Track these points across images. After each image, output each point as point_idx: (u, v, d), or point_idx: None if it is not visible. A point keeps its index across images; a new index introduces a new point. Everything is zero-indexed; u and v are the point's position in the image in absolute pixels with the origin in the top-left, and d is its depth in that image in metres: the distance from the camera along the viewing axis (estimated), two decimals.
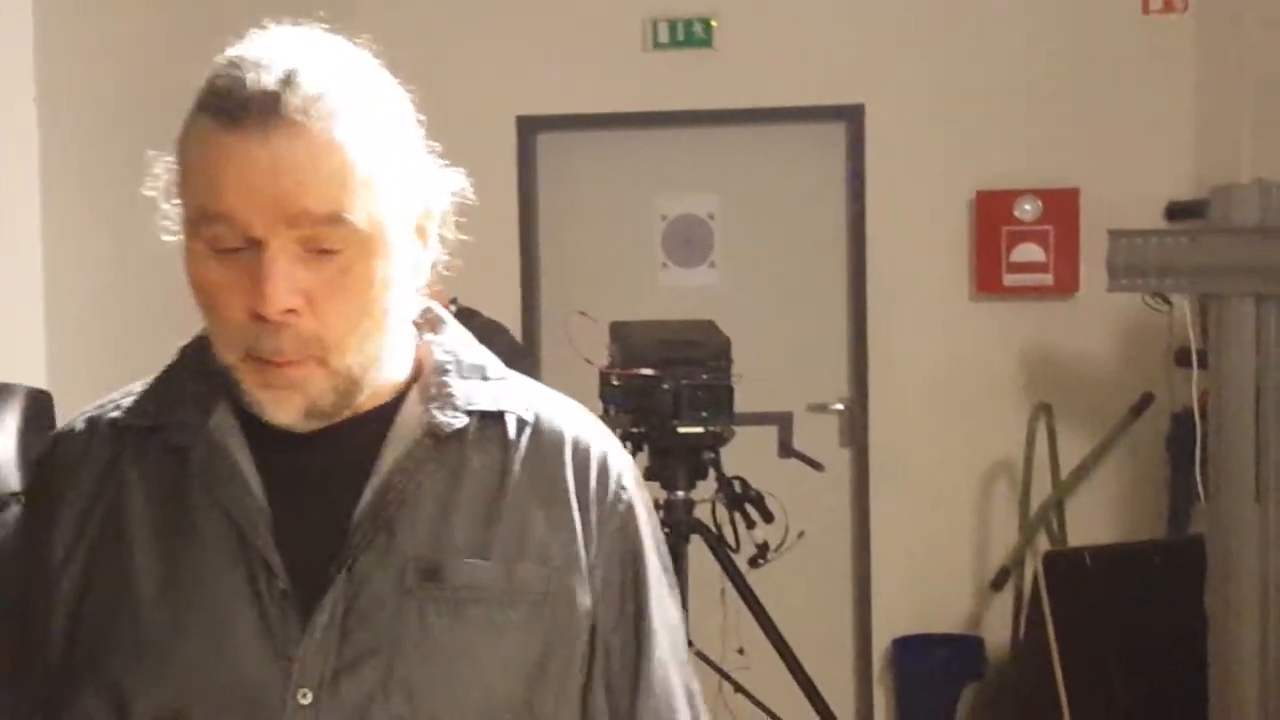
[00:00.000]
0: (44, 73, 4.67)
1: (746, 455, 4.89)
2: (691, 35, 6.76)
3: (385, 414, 1.64)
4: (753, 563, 4.80)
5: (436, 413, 1.63)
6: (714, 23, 6.73)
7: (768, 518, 4.82)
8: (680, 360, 4.83)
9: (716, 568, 4.77)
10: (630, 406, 4.79)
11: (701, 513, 4.83)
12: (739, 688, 4.82)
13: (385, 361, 1.61)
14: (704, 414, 4.77)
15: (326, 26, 1.61)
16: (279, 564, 1.56)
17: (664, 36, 6.76)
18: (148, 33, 5.24)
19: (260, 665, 1.54)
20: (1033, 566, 6.12)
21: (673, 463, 4.81)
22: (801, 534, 4.65)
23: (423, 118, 1.65)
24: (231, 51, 1.55)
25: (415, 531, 1.59)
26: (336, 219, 1.50)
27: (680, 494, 4.79)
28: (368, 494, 1.59)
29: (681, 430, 4.75)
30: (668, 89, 6.71)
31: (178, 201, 1.57)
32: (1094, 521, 6.52)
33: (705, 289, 6.70)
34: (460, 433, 1.63)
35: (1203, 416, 5.22)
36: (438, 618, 1.56)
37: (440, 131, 1.68)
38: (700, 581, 4.78)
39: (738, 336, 4.96)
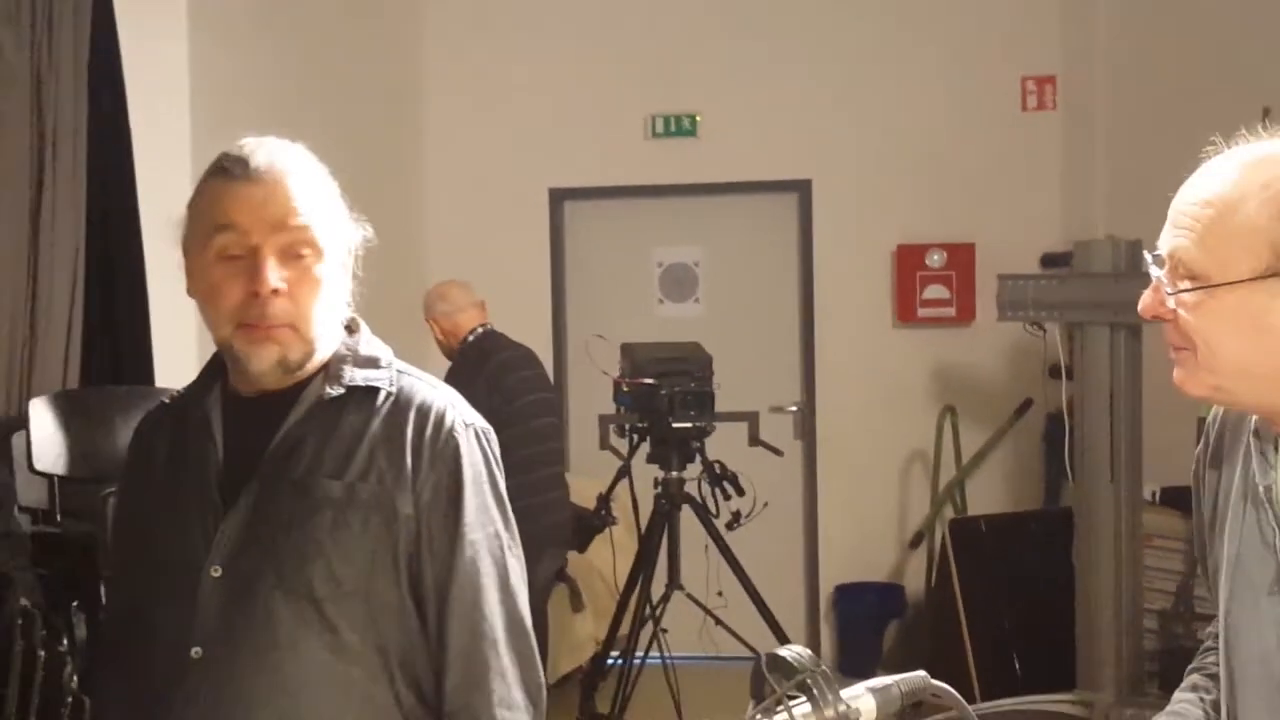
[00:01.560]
0: (196, 105, 4.68)
1: (724, 444, 4.91)
2: (681, 127, 6.78)
3: (300, 388, 1.81)
4: (729, 526, 4.81)
5: (326, 386, 1.80)
6: (698, 118, 6.75)
7: (740, 492, 4.83)
8: (673, 372, 4.85)
9: (702, 530, 4.78)
10: (636, 407, 4.81)
11: (690, 488, 4.85)
12: (719, 622, 4.82)
13: (324, 340, 1.80)
14: (692, 413, 4.79)
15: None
16: (214, 485, 1.78)
17: (660, 128, 6.79)
18: (282, 74, 5.27)
19: (196, 550, 1.76)
20: (941, 531, 6.12)
21: (668, 450, 4.83)
22: (766, 504, 4.66)
23: (479, 187, 1.73)
24: (227, 150, 1.81)
25: (298, 464, 1.76)
26: (303, 229, 1.74)
27: (674, 474, 4.82)
28: (274, 441, 1.78)
29: (675, 425, 4.78)
30: (663, 167, 6.72)
31: (185, 238, 1.81)
32: (988, 496, 6.51)
33: (692, 319, 6.70)
34: (340, 399, 1.80)
35: (1070, 416, 5.24)
36: (303, 519, 1.73)
37: (496, 199, 1.75)
38: (689, 540, 4.80)
39: (717, 354, 4.98)
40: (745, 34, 6.64)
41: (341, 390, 1.79)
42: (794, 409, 6.65)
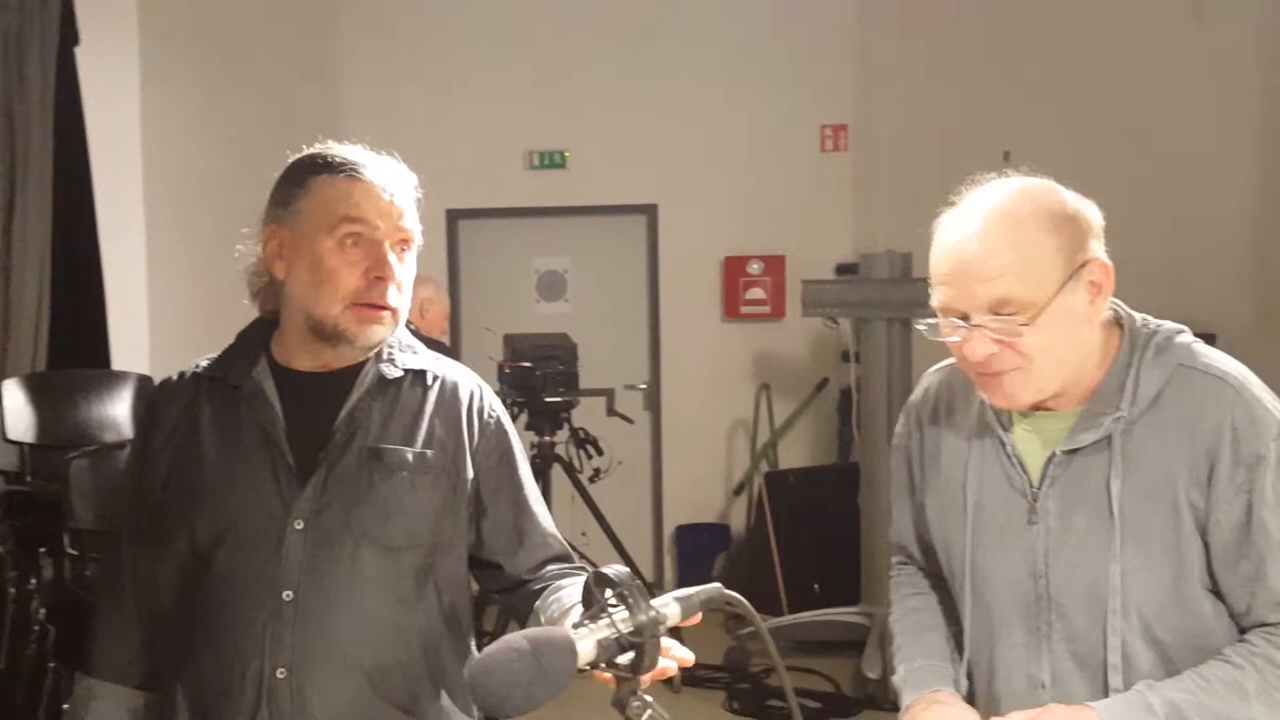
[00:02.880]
0: (148, 154, 4.52)
1: (587, 414, 4.89)
2: (554, 161, 6.71)
3: (355, 370, 1.68)
4: (591, 480, 4.79)
5: (383, 367, 1.68)
6: (567, 154, 6.69)
7: (600, 452, 4.82)
8: (546, 357, 4.81)
9: (569, 483, 4.76)
10: (516, 386, 4.76)
11: (559, 450, 4.81)
12: (583, 556, 4.78)
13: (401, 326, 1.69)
14: (561, 389, 4.76)
15: (321, 141, 1.70)
16: (288, 450, 1.62)
17: (537, 161, 6.71)
18: (229, 123, 5.09)
19: (273, 506, 1.60)
20: (758, 481, 6.18)
21: (542, 419, 4.79)
22: (620, 462, 4.66)
23: None
24: (320, 147, 1.68)
25: (368, 434, 1.64)
26: (410, 231, 1.65)
27: (547, 438, 4.78)
28: (343, 413, 1.64)
29: (547, 400, 4.74)
30: (539, 193, 6.65)
31: (287, 223, 1.63)
32: (794, 453, 6.58)
33: (562, 315, 6.65)
34: (398, 380, 1.68)
35: (857, 391, 5.32)
36: (379, 480, 1.62)
37: None
38: (558, 492, 4.76)
39: (582, 343, 4.95)
40: (605, 88, 6.60)
41: (400, 372, 1.67)
42: (643, 386, 6.65)
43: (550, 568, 1.73)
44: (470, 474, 1.68)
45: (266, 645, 1.56)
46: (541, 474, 4.72)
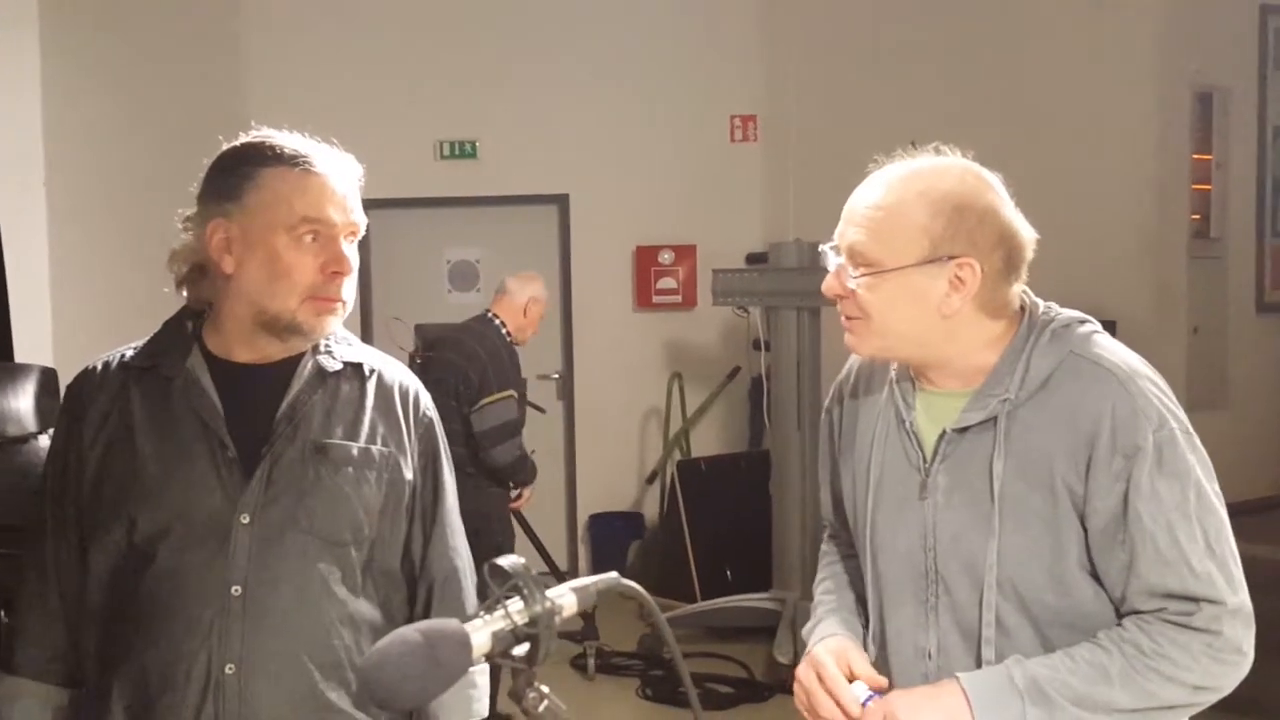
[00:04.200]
0: (50, 144, 4.39)
1: None
2: (464, 151, 6.66)
3: (291, 362, 1.66)
4: None
5: (322, 359, 1.67)
6: (478, 143, 6.66)
7: None
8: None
9: None
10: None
11: None
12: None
13: None
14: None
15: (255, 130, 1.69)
16: (229, 440, 1.59)
17: (447, 151, 6.66)
18: (132, 119, 4.96)
19: (217, 500, 1.57)
20: (671, 470, 6.22)
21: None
22: (534, 451, 4.64)
23: None
24: (262, 135, 1.65)
25: (310, 426, 1.62)
26: (358, 224, 1.65)
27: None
28: (284, 405, 1.62)
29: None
30: (451, 183, 6.60)
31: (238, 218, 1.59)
32: (706, 442, 6.64)
33: (475, 305, 6.59)
34: (337, 372, 1.67)
35: (768, 380, 5.39)
36: (325, 475, 1.61)
37: None
38: None
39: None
40: (516, 77, 6.57)
41: (339, 365, 1.66)
42: (556, 376, 6.65)
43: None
44: (410, 474, 1.68)
45: (214, 641, 1.54)
46: None
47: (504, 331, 4.48)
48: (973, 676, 1.48)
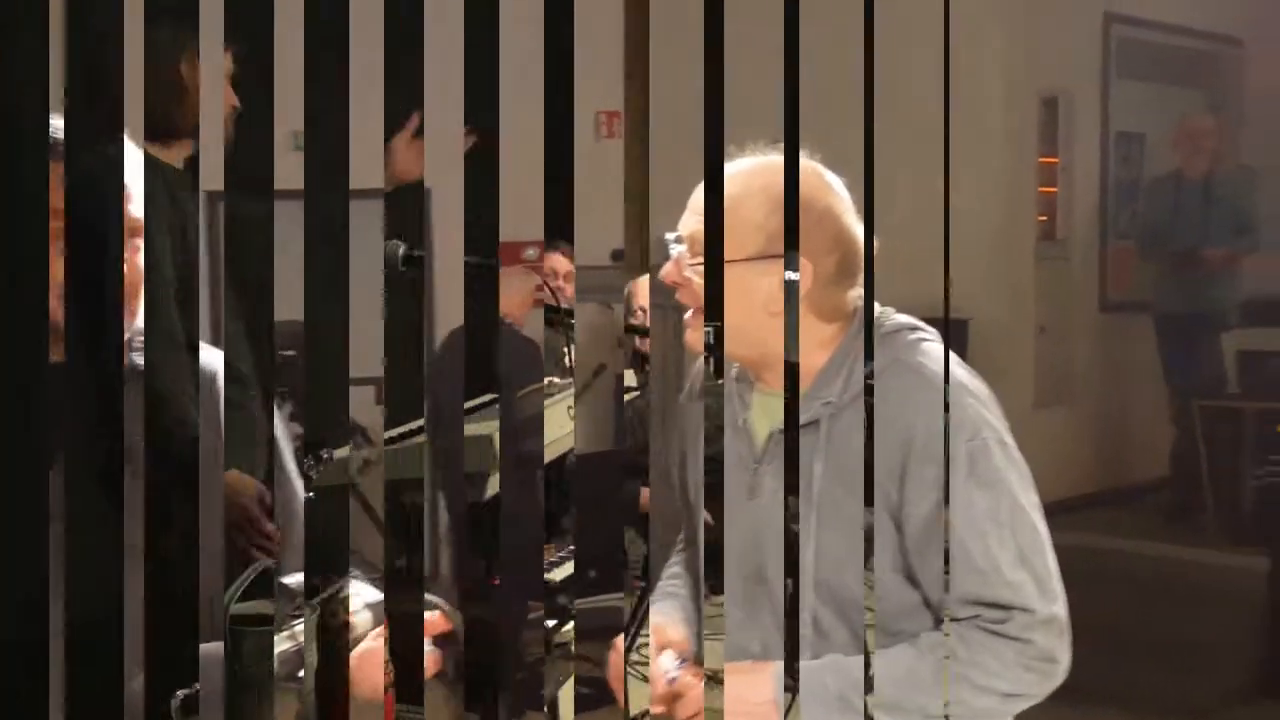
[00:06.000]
0: None
1: (356, 404, 4.74)
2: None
3: None
4: (360, 471, 4.66)
5: None
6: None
7: (369, 442, 4.68)
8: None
9: None
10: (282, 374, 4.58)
11: None
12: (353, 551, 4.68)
13: None
14: None
15: None
16: None
17: (303, 142, 6.49)
18: None
19: None
20: None
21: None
22: None
23: None
24: None
25: None
26: None
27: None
28: None
29: None
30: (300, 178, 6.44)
31: None
32: (581, 439, 6.60)
33: None
34: None
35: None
36: None
37: None
38: None
39: (352, 330, 4.80)
40: (376, 71, 6.43)
41: None
42: None
43: None
44: None
45: None
46: None
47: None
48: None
